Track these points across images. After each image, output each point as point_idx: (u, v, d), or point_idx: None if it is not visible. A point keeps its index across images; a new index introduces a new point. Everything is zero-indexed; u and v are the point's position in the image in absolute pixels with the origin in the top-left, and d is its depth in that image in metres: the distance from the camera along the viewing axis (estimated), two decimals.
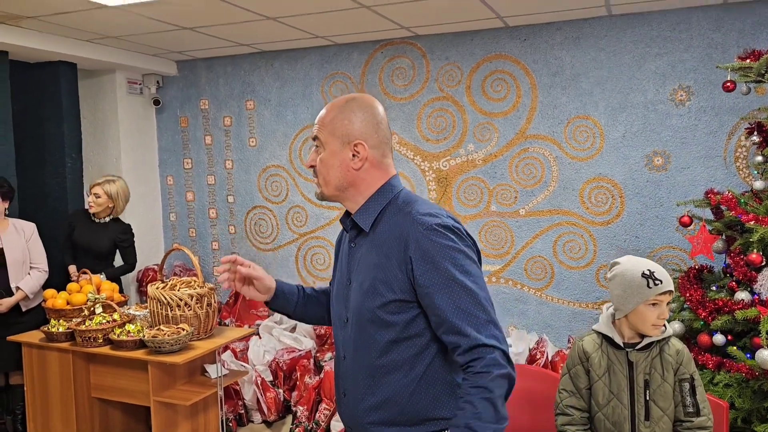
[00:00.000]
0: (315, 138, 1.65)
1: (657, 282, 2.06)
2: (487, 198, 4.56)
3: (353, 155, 1.60)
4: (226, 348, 4.41)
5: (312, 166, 1.67)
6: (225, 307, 5.29)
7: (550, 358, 4.03)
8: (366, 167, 1.61)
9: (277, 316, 5.17)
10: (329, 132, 1.62)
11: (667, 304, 2.10)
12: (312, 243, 5.16)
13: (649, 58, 4.05)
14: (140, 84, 5.42)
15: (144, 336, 3.27)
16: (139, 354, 3.29)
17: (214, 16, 3.91)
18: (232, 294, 5.26)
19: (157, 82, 5.44)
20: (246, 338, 4.98)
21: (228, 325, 5.16)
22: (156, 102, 5.44)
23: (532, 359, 4.09)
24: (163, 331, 3.34)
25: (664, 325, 2.14)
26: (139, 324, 3.50)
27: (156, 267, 5.49)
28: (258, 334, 5.06)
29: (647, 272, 2.08)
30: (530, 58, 4.33)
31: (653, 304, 2.08)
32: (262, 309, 5.24)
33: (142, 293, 5.41)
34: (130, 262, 4.43)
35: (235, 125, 5.32)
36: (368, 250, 1.62)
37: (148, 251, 5.54)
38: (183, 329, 3.36)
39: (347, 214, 1.72)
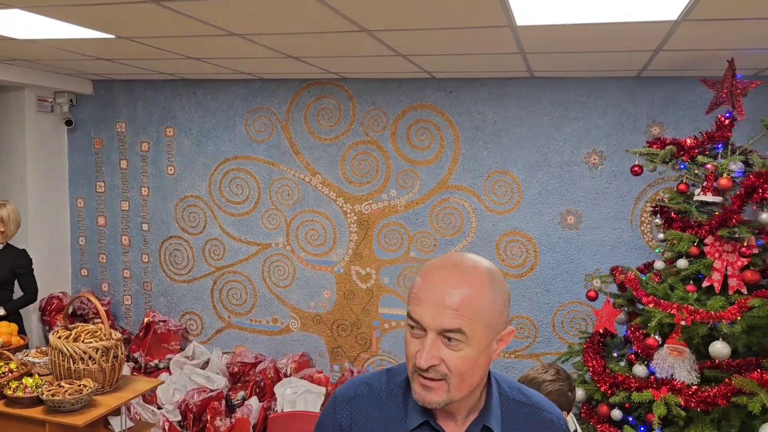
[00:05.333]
0: (454, 331, 1.17)
1: None
2: (407, 244, 4.60)
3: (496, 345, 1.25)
4: None
5: (433, 366, 1.19)
6: (135, 339, 5.11)
7: None
8: None
9: (189, 350, 5.04)
10: (485, 324, 1.20)
11: None
12: (229, 277, 5.05)
13: (567, 120, 4.20)
14: (51, 102, 5.14)
15: (42, 393, 3.10)
16: (36, 413, 3.12)
17: (133, 53, 3.75)
18: (142, 327, 5.08)
19: (71, 100, 5.17)
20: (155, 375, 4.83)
21: (138, 360, 4.99)
22: (68, 122, 5.16)
23: None
24: (63, 388, 3.19)
25: None
26: (37, 376, 3.31)
27: (61, 295, 5.23)
28: (168, 369, 4.91)
29: None
30: (455, 110, 4.40)
31: None
32: (173, 343, 5.09)
33: (45, 322, 5.14)
34: (30, 291, 4.18)
35: (152, 151, 5.14)
36: None
37: (54, 276, 5.28)
38: (85, 386, 3.22)
39: (427, 413, 1.27)
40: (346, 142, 4.66)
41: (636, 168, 3.26)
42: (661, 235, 3.33)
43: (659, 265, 3.28)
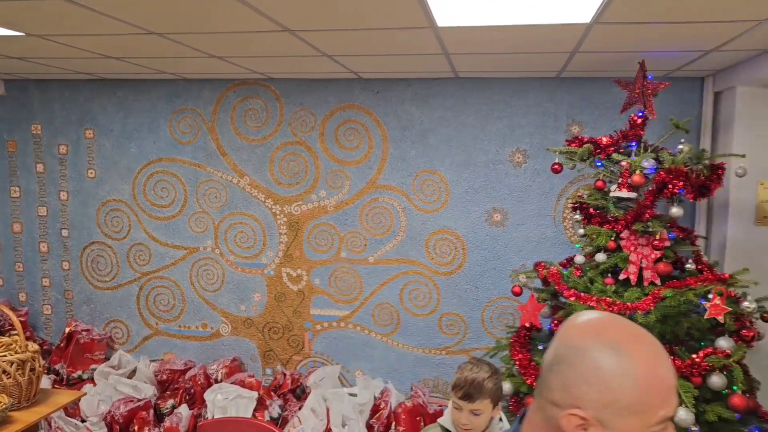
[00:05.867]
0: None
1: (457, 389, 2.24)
2: (337, 244, 4.59)
3: None
4: None
5: None
6: (56, 350, 4.89)
7: (392, 409, 4.15)
8: None
9: (115, 360, 4.87)
10: None
11: (475, 413, 2.24)
12: (156, 283, 4.91)
13: (491, 120, 4.29)
14: None
15: None
16: None
17: (46, 51, 3.59)
18: (63, 337, 4.87)
19: None
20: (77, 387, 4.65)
21: (60, 372, 4.78)
22: None
23: (376, 409, 4.18)
24: None
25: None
26: None
27: None
28: (92, 380, 4.73)
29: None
30: (382, 110, 4.42)
31: (457, 408, 2.24)
32: (98, 352, 4.90)
33: None
34: None
35: (71, 154, 4.93)
36: None
37: None
38: (0, 402, 3.06)
39: None
40: (274, 143, 4.60)
41: (556, 166, 3.36)
42: (581, 231, 3.45)
43: (579, 259, 3.40)
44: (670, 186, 2.97)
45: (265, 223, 4.68)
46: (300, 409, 4.24)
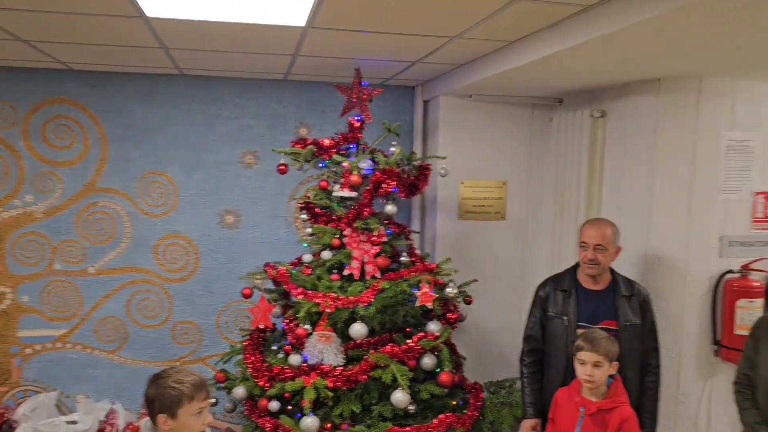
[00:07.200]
0: None
1: None
2: (49, 255, 4.09)
3: None
4: None
5: None
6: None
7: (120, 431, 3.82)
8: None
9: None
10: None
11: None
12: None
13: (221, 120, 4.19)
14: None
15: None
16: None
17: None
18: None
19: None
20: None
21: None
22: None
23: None
24: None
25: None
26: None
27: None
28: None
29: None
30: (99, 107, 4.05)
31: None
32: None
33: None
34: None
35: None
36: None
37: None
38: None
39: None
40: None
41: (281, 167, 3.40)
42: (309, 230, 3.54)
43: (308, 257, 3.49)
44: (385, 185, 3.19)
45: None
46: None
